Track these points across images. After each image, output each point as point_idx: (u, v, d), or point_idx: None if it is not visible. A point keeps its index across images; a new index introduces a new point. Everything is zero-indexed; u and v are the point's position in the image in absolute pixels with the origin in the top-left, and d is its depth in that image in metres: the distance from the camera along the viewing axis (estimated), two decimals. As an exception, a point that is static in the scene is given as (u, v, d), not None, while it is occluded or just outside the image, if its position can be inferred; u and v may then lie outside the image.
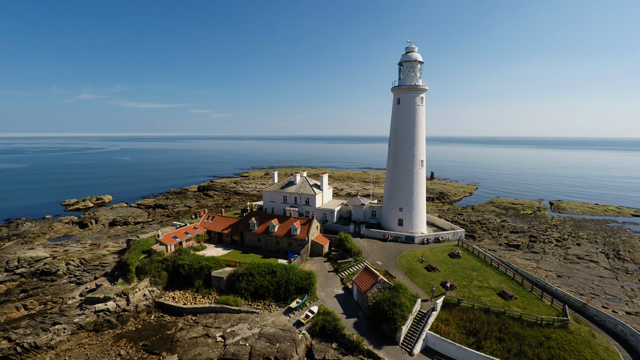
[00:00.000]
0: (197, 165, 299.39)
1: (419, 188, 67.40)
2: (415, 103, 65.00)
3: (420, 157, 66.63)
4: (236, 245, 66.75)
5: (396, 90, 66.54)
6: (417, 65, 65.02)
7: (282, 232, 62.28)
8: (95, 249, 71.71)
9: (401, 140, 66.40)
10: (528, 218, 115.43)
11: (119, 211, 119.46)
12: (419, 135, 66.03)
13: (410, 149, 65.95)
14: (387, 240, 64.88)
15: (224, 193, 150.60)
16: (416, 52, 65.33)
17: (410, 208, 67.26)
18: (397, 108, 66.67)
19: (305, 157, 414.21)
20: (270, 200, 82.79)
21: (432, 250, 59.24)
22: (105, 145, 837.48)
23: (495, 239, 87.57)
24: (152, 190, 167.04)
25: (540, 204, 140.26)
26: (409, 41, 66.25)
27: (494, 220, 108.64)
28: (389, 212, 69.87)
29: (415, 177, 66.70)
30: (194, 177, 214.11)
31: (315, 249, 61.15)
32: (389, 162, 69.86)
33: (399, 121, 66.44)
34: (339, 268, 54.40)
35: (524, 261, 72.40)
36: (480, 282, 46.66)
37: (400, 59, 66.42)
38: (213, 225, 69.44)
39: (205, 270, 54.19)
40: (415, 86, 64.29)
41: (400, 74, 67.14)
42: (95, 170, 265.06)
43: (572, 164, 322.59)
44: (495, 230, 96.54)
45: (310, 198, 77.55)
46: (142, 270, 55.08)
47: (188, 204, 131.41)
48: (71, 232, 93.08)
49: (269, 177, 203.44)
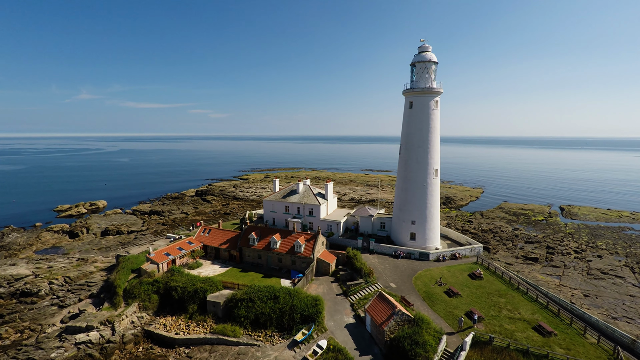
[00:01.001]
0: (196, 167, 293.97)
1: (433, 199, 62.14)
2: (429, 107, 59.73)
3: (434, 166, 61.38)
4: (235, 261, 61.45)
5: (408, 94, 61.26)
6: (432, 66, 59.75)
7: (284, 249, 56.99)
8: (83, 264, 66.39)
9: (414, 147, 61.12)
10: (540, 225, 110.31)
11: (112, 218, 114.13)
12: (434, 142, 60.76)
13: (423, 157, 60.69)
14: (399, 257, 59.59)
15: (223, 198, 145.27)
16: (430, 52, 60.06)
17: (423, 221, 61.99)
18: (410, 112, 61.39)
19: (306, 158, 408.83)
20: (272, 210, 77.50)
21: (450, 270, 53.97)
22: (104, 146, 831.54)
23: (511, 251, 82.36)
24: (148, 194, 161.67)
25: (550, 210, 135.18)
26: (422, 40, 60.99)
27: (506, 229, 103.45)
28: (400, 225, 64.59)
29: (429, 188, 61.44)
30: (192, 181, 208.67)
31: (321, 268, 55.89)
32: (400, 170, 64.56)
33: (412, 127, 61.16)
34: (349, 291, 49.13)
35: (544, 277, 67.20)
36: (511, 312, 41.40)
37: (413, 59, 61.15)
38: (210, 240, 64.13)
39: (200, 294, 48.91)
40: (430, 89, 59.03)
41: (412, 75, 61.88)
42: (92, 172, 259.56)
43: (577, 166, 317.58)
44: (509, 240, 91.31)
45: (314, 208, 72.30)
46: (131, 293, 49.79)
47: (185, 210, 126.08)
48: (60, 243, 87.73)
49: (269, 181, 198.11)
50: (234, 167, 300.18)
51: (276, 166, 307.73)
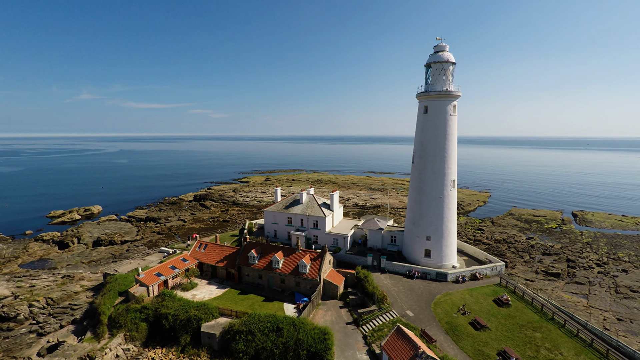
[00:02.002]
0: (195, 169, 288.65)
1: (450, 213, 56.79)
2: (446, 112, 54.40)
3: (451, 177, 56.04)
4: (233, 281, 56.15)
5: (423, 97, 55.91)
6: (449, 67, 54.40)
7: (288, 269, 51.68)
8: (68, 282, 61.12)
9: (429, 156, 55.78)
10: (555, 234, 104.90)
11: (106, 226, 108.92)
12: (451, 151, 55.43)
13: (440, 167, 55.35)
14: (414, 277, 54.23)
15: (222, 204, 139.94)
16: (447, 52, 54.69)
17: (439, 237, 56.65)
18: (424, 118, 56.04)
19: (306, 159, 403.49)
20: (273, 222, 72.21)
21: (472, 294, 48.64)
22: (104, 146, 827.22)
23: (529, 265, 76.98)
24: (145, 199, 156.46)
25: (562, 216, 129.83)
26: (438, 38, 55.64)
27: (520, 238, 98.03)
28: (414, 241, 59.24)
29: (445, 201, 56.09)
30: (191, 184, 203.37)
31: (328, 290, 50.59)
32: (414, 181, 59.19)
33: (427, 134, 55.81)
34: (360, 319, 43.81)
35: (570, 296, 61.82)
36: (551, 352, 36.05)
37: (428, 60, 55.80)
38: (206, 256, 58.84)
39: (194, 323, 43.63)
40: (447, 92, 53.69)
41: (427, 77, 56.52)
42: (89, 175, 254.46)
43: (583, 168, 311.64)
44: (526, 252, 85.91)
45: (319, 220, 66.99)
46: (116, 322, 44.52)
47: (182, 216, 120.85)
48: (48, 255, 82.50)
49: (270, 184, 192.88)
50: (233, 169, 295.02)
51: (277, 168, 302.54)
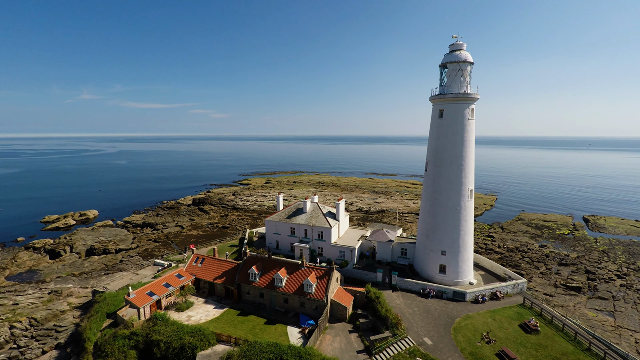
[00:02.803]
0: (195, 171, 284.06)
1: (467, 226, 52.47)
2: (464, 117, 50.06)
3: (469, 186, 51.71)
4: (232, 299, 51.86)
5: (438, 100, 51.56)
6: (467, 67, 50.06)
7: (291, 288, 47.39)
8: (55, 299, 56.86)
9: (445, 164, 51.44)
10: (569, 241, 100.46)
11: (100, 233, 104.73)
12: (468, 158, 51.11)
13: (456, 176, 51.02)
14: (429, 296, 49.87)
15: (221, 208, 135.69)
16: (465, 51, 50.35)
17: (455, 252, 52.32)
18: (440, 123, 51.68)
19: (307, 160, 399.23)
20: (275, 232, 67.90)
21: (495, 317, 44.27)
22: (104, 146, 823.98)
23: (547, 277, 72.54)
24: (143, 202, 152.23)
25: (573, 221, 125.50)
26: (454, 36, 51.29)
27: (532, 246, 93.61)
28: (427, 256, 54.89)
29: (462, 212, 51.76)
30: (190, 186, 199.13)
31: (336, 312, 46.28)
32: (427, 191, 54.82)
33: (442, 140, 51.45)
34: (373, 347, 39.47)
35: (595, 314, 57.45)
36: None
37: (444, 60, 51.44)
38: (203, 272, 54.56)
39: (189, 352, 39.33)
40: (465, 95, 49.36)
41: (443, 78, 52.17)
42: (88, 176, 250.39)
43: (589, 169, 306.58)
44: (541, 262, 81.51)
45: (324, 231, 62.68)
46: (102, 350, 40.21)
47: (180, 221, 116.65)
48: (38, 266, 78.29)
49: (271, 187, 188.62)
50: (234, 170, 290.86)
51: (277, 169, 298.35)
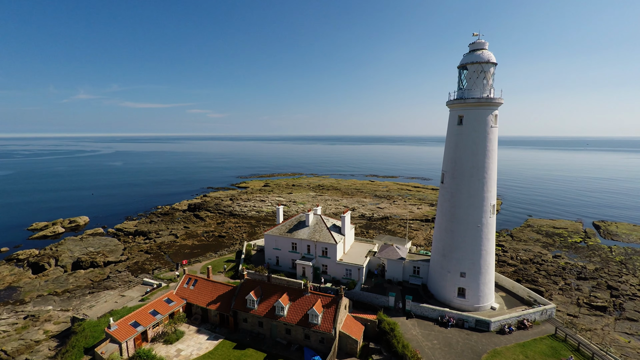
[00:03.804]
0: (191, 173, 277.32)
1: (489, 245, 47.31)
2: (486, 124, 44.86)
3: (491, 201, 46.53)
4: (228, 328, 46.47)
5: (457, 105, 46.33)
6: (490, 68, 44.85)
7: (295, 318, 42.06)
8: (31, 326, 51.23)
9: (464, 176, 46.21)
10: (582, 250, 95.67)
11: (89, 242, 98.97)
12: (491, 170, 45.92)
13: (478, 190, 45.81)
14: (449, 325, 44.63)
15: (218, 214, 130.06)
16: (487, 51, 45.13)
17: (476, 273, 47.15)
18: (459, 131, 46.45)
19: (306, 162, 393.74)
20: (275, 247, 62.49)
21: (527, 352, 39.01)
22: (100, 147, 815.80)
23: (567, 294, 67.50)
24: (137, 208, 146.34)
25: (584, 227, 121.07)
26: (475, 34, 46.05)
27: (546, 257, 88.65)
28: (443, 277, 49.68)
29: (484, 230, 46.59)
30: (186, 190, 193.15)
31: (345, 345, 40.99)
32: (444, 205, 49.57)
33: (461, 149, 46.23)
34: (389, 392, 34.30)
35: (627, 339, 52.44)
36: None
37: (463, 61, 46.20)
38: (195, 296, 49.12)
39: (176, 399, 34.02)
40: (488, 100, 44.15)
41: (462, 81, 46.95)
42: (81, 179, 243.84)
43: (590, 170, 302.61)
44: (558, 275, 76.55)
45: (328, 248, 57.35)
46: (76, 396, 34.85)
47: (175, 229, 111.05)
48: (18, 282, 72.54)
49: (270, 190, 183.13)
50: (231, 172, 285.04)
51: (276, 171, 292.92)
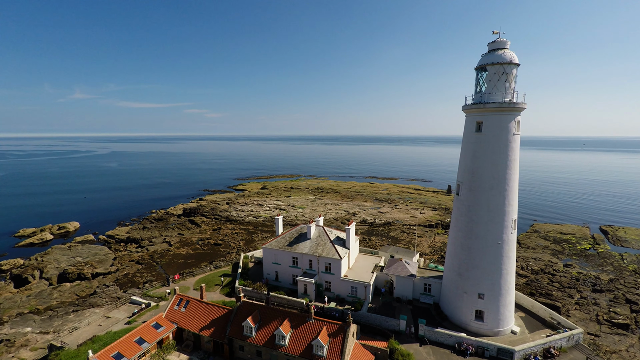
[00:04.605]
0: (187, 175, 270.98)
1: (510, 263, 43.15)
2: (508, 131, 40.65)
3: (512, 216, 42.35)
4: (222, 356, 42.02)
5: (475, 110, 42.08)
6: (512, 70, 40.65)
7: (297, 349, 37.68)
8: (5, 353, 46.47)
9: (483, 189, 41.98)
10: (593, 258, 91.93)
11: (78, 251, 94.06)
12: (512, 182, 41.73)
13: (498, 204, 41.60)
14: (467, 354, 40.46)
15: (214, 220, 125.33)
16: (509, 50, 40.93)
17: (496, 295, 42.96)
18: (477, 138, 42.21)
19: (304, 162, 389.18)
20: (274, 262, 58.06)
21: (557, 390, 35.07)
22: (95, 147, 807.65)
23: (585, 309, 63.51)
24: (130, 212, 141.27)
25: (591, 232, 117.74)
26: (495, 32, 41.82)
27: (557, 266, 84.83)
28: (459, 298, 45.48)
29: (505, 247, 42.40)
30: (182, 193, 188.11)
31: (353, 379, 36.73)
32: (459, 220, 45.33)
33: (481, 159, 41.97)
34: None
35: (654, 363, 48.56)
36: None
37: (482, 61, 41.94)
38: (187, 319, 44.60)
39: None
40: (511, 104, 39.96)
41: (480, 83, 42.71)
42: (74, 181, 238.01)
43: (591, 172, 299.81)
44: (572, 287, 72.62)
45: (332, 263, 53.01)
46: None
47: (168, 236, 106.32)
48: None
49: (268, 193, 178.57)
50: (228, 174, 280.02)
51: (273, 173, 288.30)
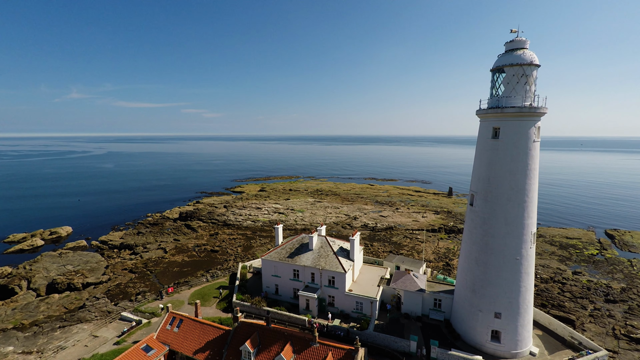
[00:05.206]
0: (184, 177, 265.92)
1: (529, 280, 40.03)
2: (528, 138, 37.52)
3: (531, 229, 39.25)
4: (218, 382, 38.78)
5: (493, 115, 38.91)
6: (533, 71, 37.52)
7: (300, 377, 34.50)
8: (-17, 376, 43.18)
9: (501, 199, 38.83)
10: (602, 265, 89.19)
11: (69, 259, 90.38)
12: (532, 192, 38.59)
13: (517, 216, 38.46)
14: (484, 380, 37.53)
15: (211, 224, 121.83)
16: (529, 50, 37.81)
17: (514, 314, 39.84)
18: (494, 145, 39.05)
19: (303, 163, 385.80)
20: (274, 274, 54.74)
21: None
22: (92, 147, 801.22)
23: (600, 321, 60.59)
24: (125, 216, 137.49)
25: (596, 236, 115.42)
26: (514, 30, 38.67)
27: (566, 273, 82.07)
28: (473, 316, 42.33)
29: (524, 263, 39.27)
30: (179, 195, 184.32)
31: (361, 411, 33.58)
32: (473, 233, 42.12)
33: (497, 168, 38.83)
34: None
35: (679, 383, 45.73)
36: None
37: (499, 62, 38.78)
38: (180, 341, 41.25)
39: None
40: (532, 109, 36.83)
41: (497, 86, 39.57)
42: (68, 182, 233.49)
43: (590, 173, 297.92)
44: (584, 297, 69.74)
45: (336, 277, 49.76)
46: None
47: (164, 242, 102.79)
48: (-18, 310, 64.08)
49: (266, 196, 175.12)
50: (226, 175, 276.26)
51: (272, 174, 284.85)
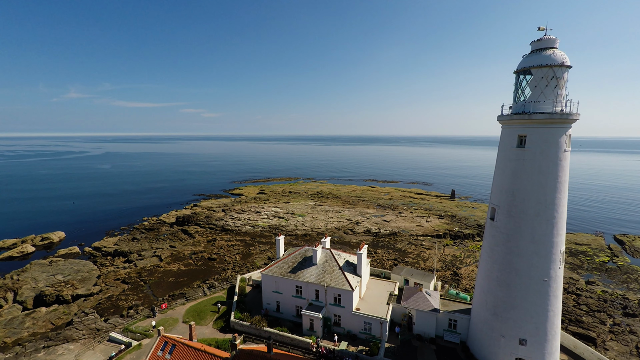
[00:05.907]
0: (182, 179, 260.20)
1: (557, 304, 36.31)
2: (559, 147, 33.82)
3: (560, 247, 35.57)
4: (214, 417, 35.03)
5: (518, 122, 35.16)
6: (564, 73, 33.79)
7: (305, 416, 30.77)
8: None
9: (527, 215, 35.09)
10: (615, 273, 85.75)
11: (59, 267, 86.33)
12: (561, 207, 34.88)
13: (545, 234, 34.77)
14: (510, 417, 33.87)
15: (208, 230, 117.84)
16: (559, 50, 34.12)
17: (541, 341, 36.16)
18: (519, 155, 35.32)
19: (302, 164, 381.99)
20: (275, 290, 50.91)
21: None
22: (89, 147, 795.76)
23: (621, 338, 56.99)
24: (121, 220, 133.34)
25: (606, 242, 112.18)
26: (542, 28, 34.93)
27: (580, 284, 78.52)
28: (495, 342, 38.59)
29: (552, 285, 35.56)
30: (176, 198, 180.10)
31: None
32: (495, 250, 38.37)
33: (524, 180, 35.09)
34: None
35: None
36: None
37: (525, 63, 35.03)
38: (172, 369, 37.48)
39: None
40: (563, 115, 33.13)
41: (521, 89, 35.82)
42: (63, 185, 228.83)
43: (590, 173, 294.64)
44: (601, 310, 66.24)
45: (342, 295, 45.97)
46: None
47: (159, 249, 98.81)
48: (-37, 326, 60.08)
49: (266, 198, 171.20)
50: (225, 176, 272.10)
51: (271, 175, 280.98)
